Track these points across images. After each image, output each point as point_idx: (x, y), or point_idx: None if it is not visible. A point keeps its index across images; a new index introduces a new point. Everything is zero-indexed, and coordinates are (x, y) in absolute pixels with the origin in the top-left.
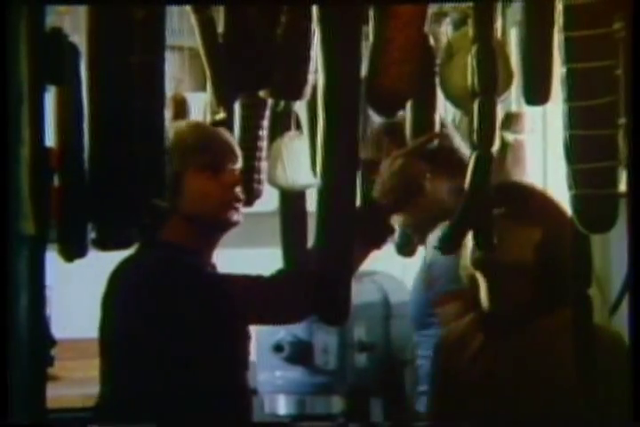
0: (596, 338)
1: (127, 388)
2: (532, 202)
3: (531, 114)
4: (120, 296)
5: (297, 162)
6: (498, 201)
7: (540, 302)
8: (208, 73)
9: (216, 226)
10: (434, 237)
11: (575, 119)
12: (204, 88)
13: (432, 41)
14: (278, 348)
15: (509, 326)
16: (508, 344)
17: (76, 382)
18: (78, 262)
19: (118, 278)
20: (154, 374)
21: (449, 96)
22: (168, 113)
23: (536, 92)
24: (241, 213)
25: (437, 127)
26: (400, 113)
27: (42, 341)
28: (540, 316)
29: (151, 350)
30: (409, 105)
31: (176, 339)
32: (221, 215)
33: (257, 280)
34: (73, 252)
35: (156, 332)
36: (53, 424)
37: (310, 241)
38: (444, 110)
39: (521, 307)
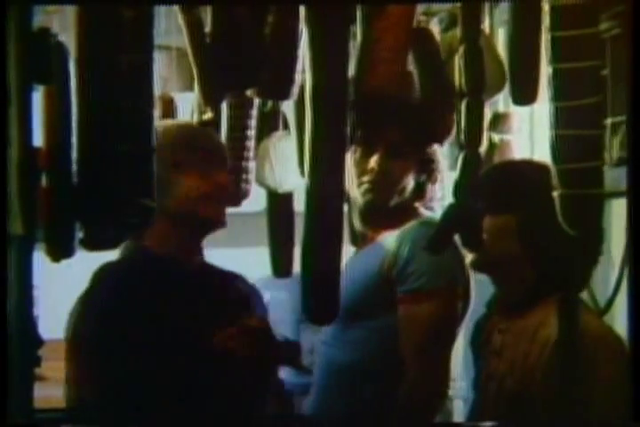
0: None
1: (107, 389)
2: (500, 190)
3: (518, 114)
4: (96, 299)
5: (284, 162)
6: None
7: (541, 284)
8: (195, 73)
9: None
10: (414, 234)
11: (561, 119)
12: (191, 88)
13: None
14: None
15: (518, 308)
16: (518, 323)
17: (63, 382)
18: (66, 262)
19: (96, 280)
20: (127, 377)
21: None
22: (156, 113)
23: (523, 93)
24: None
25: None
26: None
27: (29, 341)
28: (545, 297)
29: (122, 351)
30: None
31: (149, 341)
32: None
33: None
34: (60, 252)
35: (131, 333)
36: (44, 425)
37: (298, 241)
38: None
39: (526, 291)
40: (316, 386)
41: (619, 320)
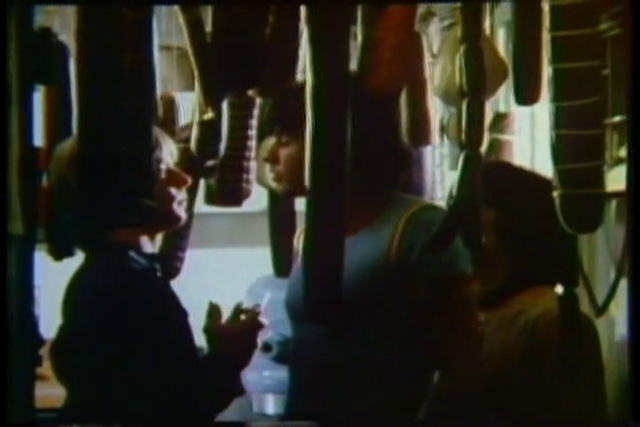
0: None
1: (90, 390)
2: (484, 188)
3: (519, 114)
4: (80, 302)
5: None
6: None
7: (517, 275)
8: (196, 73)
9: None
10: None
11: (562, 119)
12: (192, 88)
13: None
14: (266, 347)
15: (496, 299)
16: (495, 313)
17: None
18: (66, 262)
19: (77, 283)
20: (112, 376)
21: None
22: (157, 113)
23: (526, 92)
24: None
25: None
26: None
27: (30, 341)
28: (520, 291)
29: (109, 352)
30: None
31: (132, 341)
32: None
33: None
34: (61, 251)
35: (113, 335)
36: (47, 424)
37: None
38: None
39: (503, 282)
40: (295, 385)
41: (619, 320)
